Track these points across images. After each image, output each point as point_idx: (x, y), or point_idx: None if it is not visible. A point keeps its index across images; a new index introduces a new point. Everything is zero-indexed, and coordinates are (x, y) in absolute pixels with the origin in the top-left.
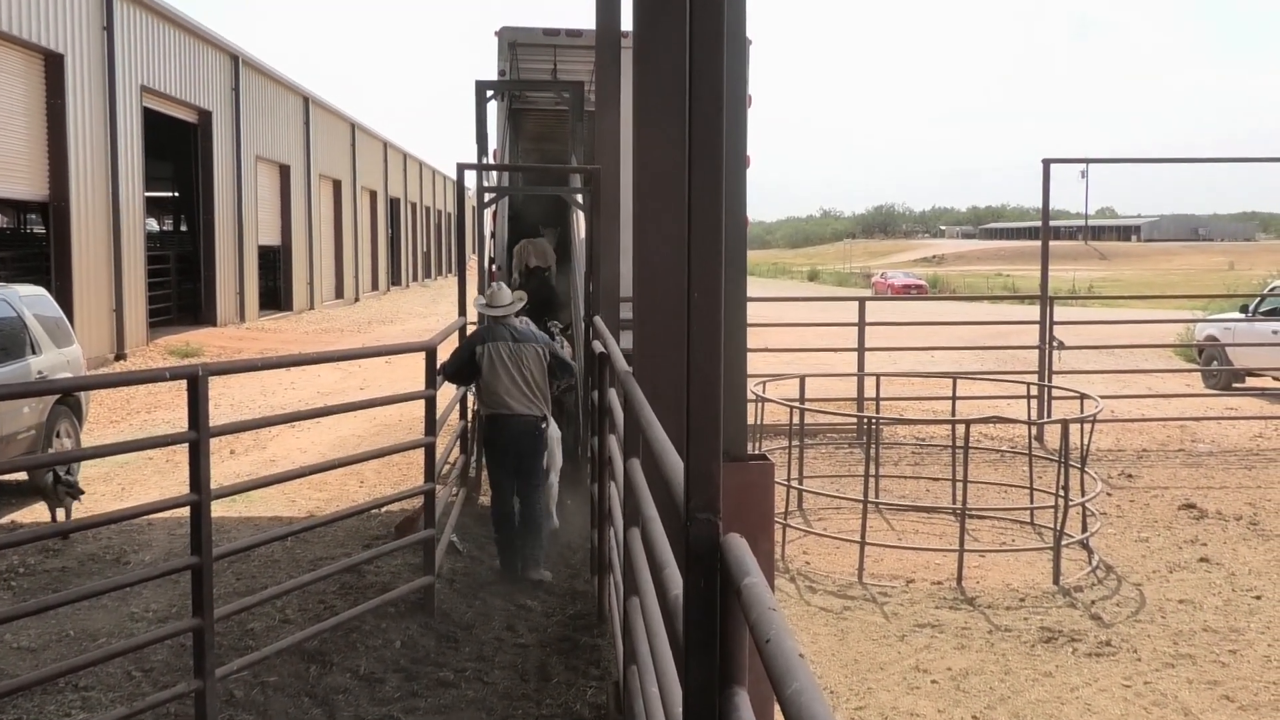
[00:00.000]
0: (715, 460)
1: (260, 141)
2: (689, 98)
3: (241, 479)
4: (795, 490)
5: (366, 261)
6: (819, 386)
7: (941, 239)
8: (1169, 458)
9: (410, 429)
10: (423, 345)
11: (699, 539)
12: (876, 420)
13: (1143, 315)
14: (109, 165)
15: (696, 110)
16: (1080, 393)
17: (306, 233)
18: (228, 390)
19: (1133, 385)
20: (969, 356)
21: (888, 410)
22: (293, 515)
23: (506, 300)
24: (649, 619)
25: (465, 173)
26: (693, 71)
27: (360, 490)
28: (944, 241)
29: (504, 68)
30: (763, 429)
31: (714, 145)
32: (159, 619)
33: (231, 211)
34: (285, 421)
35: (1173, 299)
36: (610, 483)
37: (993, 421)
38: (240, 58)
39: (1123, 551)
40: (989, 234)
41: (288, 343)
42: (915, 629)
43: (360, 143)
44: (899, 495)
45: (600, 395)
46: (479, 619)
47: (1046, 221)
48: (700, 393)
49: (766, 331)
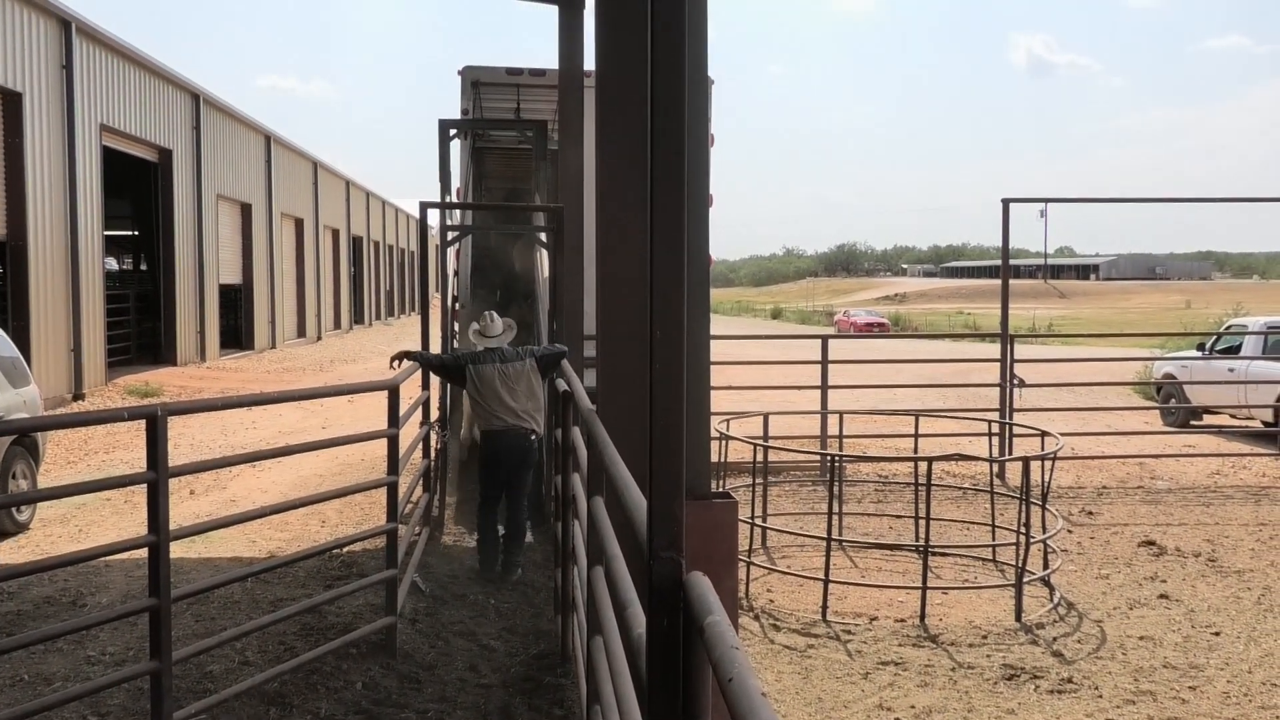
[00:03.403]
0: (678, 499)
1: (221, 180)
2: (651, 136)
3: (201, 519)
4: (759, 528)
5: (329, 300)
6: (783, 424)
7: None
8: (1128, 494)
9: (373, 468)
10: (385, 384)
11: (662, 577)
12: (840, 458)
13: (1102, 353)
14: (68, 204)
15: (659, 148)
16: (1041, 430)
17: (268, 271)
18: (187, 430)
19: (1092, 423)
20: (931, 394)
21: (851, 448)
22: (253, 556)
23: (498, 331)
24: (613, 658)
25: (428, 211)
26: (654, 110)
27: (322, 530)
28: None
29: (467, 106)
30: (727, 467)
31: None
32: (116, 662)
33: (192, 250)
34: (245, 461)
35: (1131, 337)
36: (574, 521)
37: (955, 459)
38: (201, 96)
39: (1084, 588)
40: (950, 272)
41: (249, 382)
42: (879, 667)
43: (322, 181)
44: (862, 533)
45: (564, 434)
46: (441, 659)
47: (1006, 260)
48: (663, 431)
49: (730, 369)
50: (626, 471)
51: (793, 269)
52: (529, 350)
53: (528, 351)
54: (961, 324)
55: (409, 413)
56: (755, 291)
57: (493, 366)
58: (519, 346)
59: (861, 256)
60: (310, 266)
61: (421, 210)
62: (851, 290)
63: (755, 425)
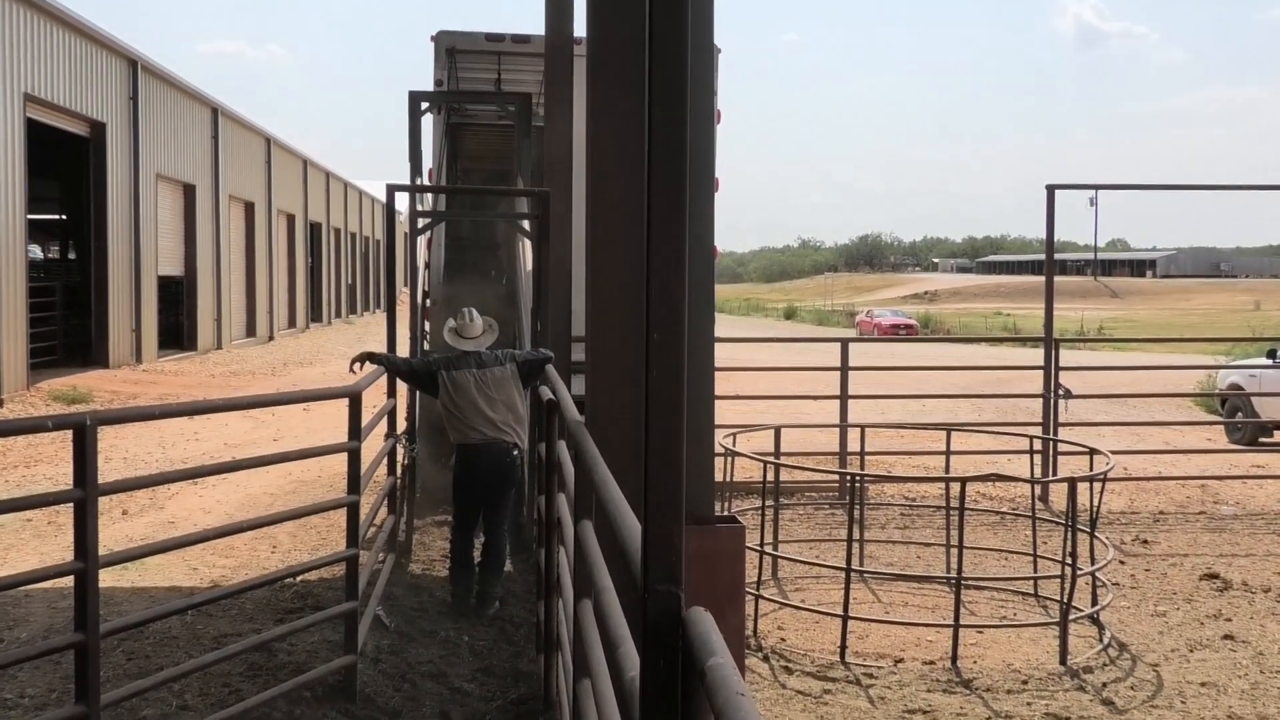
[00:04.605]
0: (677, 525)
1: (162, 157)
2: (648, 111)
3: (135, 543)
4: (769, 556)
5: (283, 295)
6: (797, 439)
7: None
8: (1189, 521)
9: (331, 486)
10: (346, 390)
11: (658, 614)
12: (861, 477)
13: (1159, 360)
14: None
15: (657, 125)
16: (1089, 448)
17: (214, 262)
18: (120, 441)
19: (1148, 439)
20: (965, 406)
21: (874, 466)
22: (194, 585)
23: (478, 332)
24: (602, 704)
25: (396, 195)
26: (653, 82)
27: (272, 556)
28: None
29: (441, 77)
30: (733, 487)
31: (677, 166)
32: (37, 705)
33: (128, 237)
34: (186, 478)
35: (1192, 342)
36: (559, 548)
37: (991, 479)
38: (139, 63)
39: (1137, 627)
40: (987, 268)
41: (191, 387)
42: (905, 715)
43: (276, 160)
44: (886, 562)
45: (548, 449)
46: (408, 705)
47: (1051, 254)
48: (660, 448)
49: (738, 376)
50: (619, 492)
51: (809, 263)
52: (510, 354)
53: (508, 356)
54: (1000, 326)
55: (373, 423)
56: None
57: (469, 372)
58: (499, 350)
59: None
60: (262, 257)
61: (389, 194)
62: (875, 287)
63: (766, 440)
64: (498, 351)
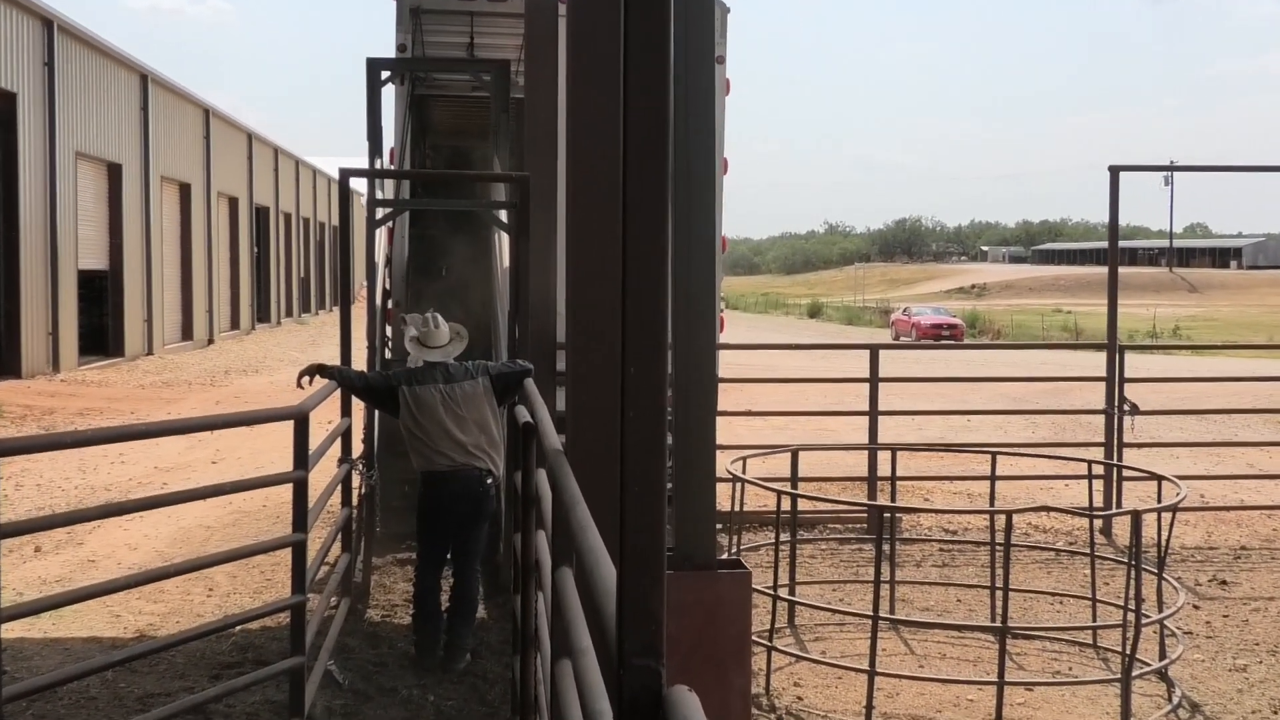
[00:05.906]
0: (656, 590)
1: (82, 133)
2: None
3: (50, 585)
4: (784, 601)
5: (224, 291)
6: (818, 462)
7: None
8: (1276, 559)
9: (278, 517)
10: (291, 411)
11: (636, 692)
12: (893, 509)
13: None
14: None
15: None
16: (1157, 474)
17: (143, 253)
18: (33, 465)
19: (1229, 461)
20: (1016, 423)
21: (907, 494)
22: (117, 635)
23: (444, 340)
24: None
25: (352, 180)
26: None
27: (208, 601)
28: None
29: (405, 42)
30: (743, 518)
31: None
32: None
33: (42, 224)
34: (107, 515)
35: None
36: (538, 594)
37: (1044, 511)
38: (55, 22)
39: (1213, 684)
40: (1044, 257)
41: (117, 400)
42: None
43: (216, 135)
44: (921, 608)
45: (525, 479)
46: None
47: (1114, 246)
48: (638, 496)
49: (751, 388)
50: (598, 540)
51: (836, 251)
52: (482, 366)
53: (480, 368)
54: (1059, 326)
55: (324, 447)
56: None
57: (435, 388)
58: (469, 361)
59: (927, 235)
60: (199, 247)
61: (343, 179)
62: (914, 280)
63: (783, 463)
64: (468, 363)
